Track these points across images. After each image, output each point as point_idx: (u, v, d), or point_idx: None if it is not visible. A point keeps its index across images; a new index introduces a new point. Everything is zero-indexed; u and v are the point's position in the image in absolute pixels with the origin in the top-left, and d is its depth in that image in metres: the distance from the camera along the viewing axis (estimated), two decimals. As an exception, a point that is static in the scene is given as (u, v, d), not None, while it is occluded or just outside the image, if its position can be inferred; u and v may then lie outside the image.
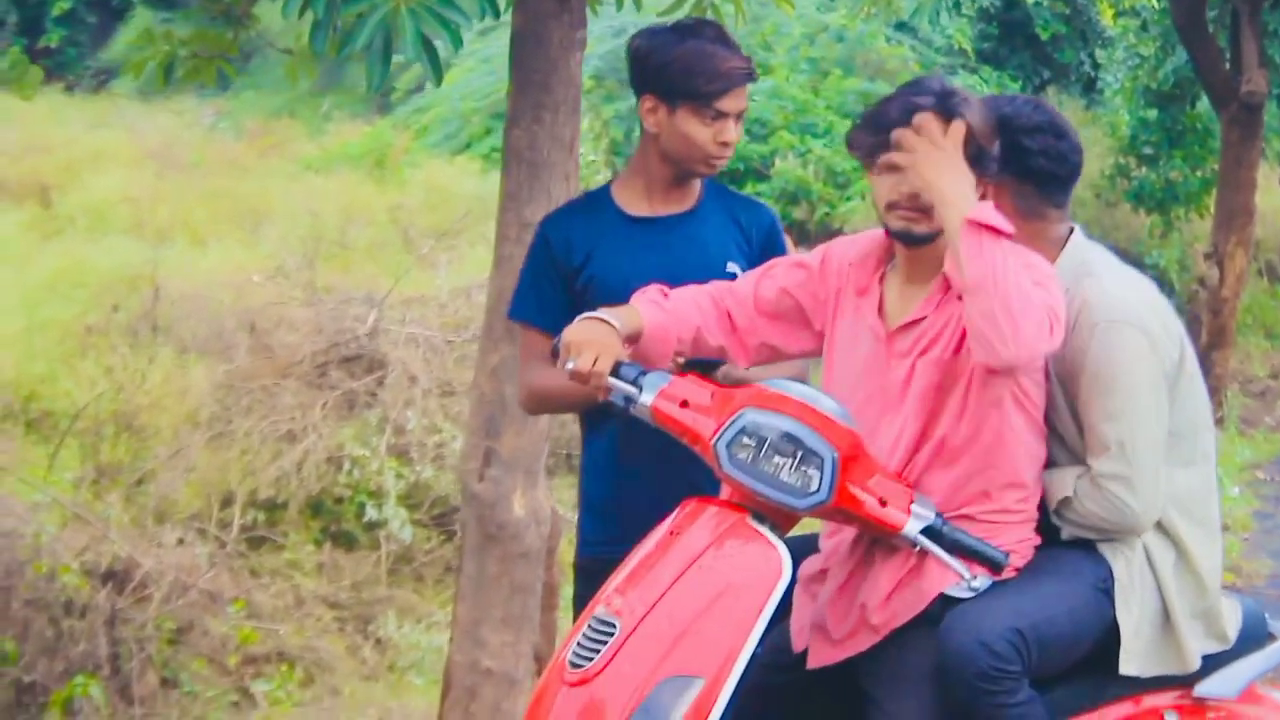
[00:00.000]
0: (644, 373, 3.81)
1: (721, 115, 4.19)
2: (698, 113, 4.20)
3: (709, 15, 5.69)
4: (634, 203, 4.34)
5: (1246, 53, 12.65)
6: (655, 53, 4.25)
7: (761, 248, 4.38)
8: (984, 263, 3.56)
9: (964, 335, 3.68)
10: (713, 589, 3.52)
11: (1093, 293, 3.83)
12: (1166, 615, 3.87)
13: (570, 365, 3.77)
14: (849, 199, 15.97)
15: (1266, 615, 4.08)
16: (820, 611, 3.86)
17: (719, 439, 3.64)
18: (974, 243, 3.57)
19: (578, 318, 3.89)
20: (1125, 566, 3.82)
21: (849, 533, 3.85)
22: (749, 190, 15.77)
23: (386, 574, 7.77)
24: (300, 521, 7.86)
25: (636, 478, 4.28)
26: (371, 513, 7.89)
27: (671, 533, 3.65)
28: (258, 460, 7.85)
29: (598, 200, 4.41)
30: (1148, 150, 16.55)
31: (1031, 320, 3.53)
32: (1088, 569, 3.80)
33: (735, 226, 4.39)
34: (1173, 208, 16.22)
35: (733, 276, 4.26)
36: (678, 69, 4.21)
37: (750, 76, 4.22)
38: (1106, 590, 3.79)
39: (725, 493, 3.71)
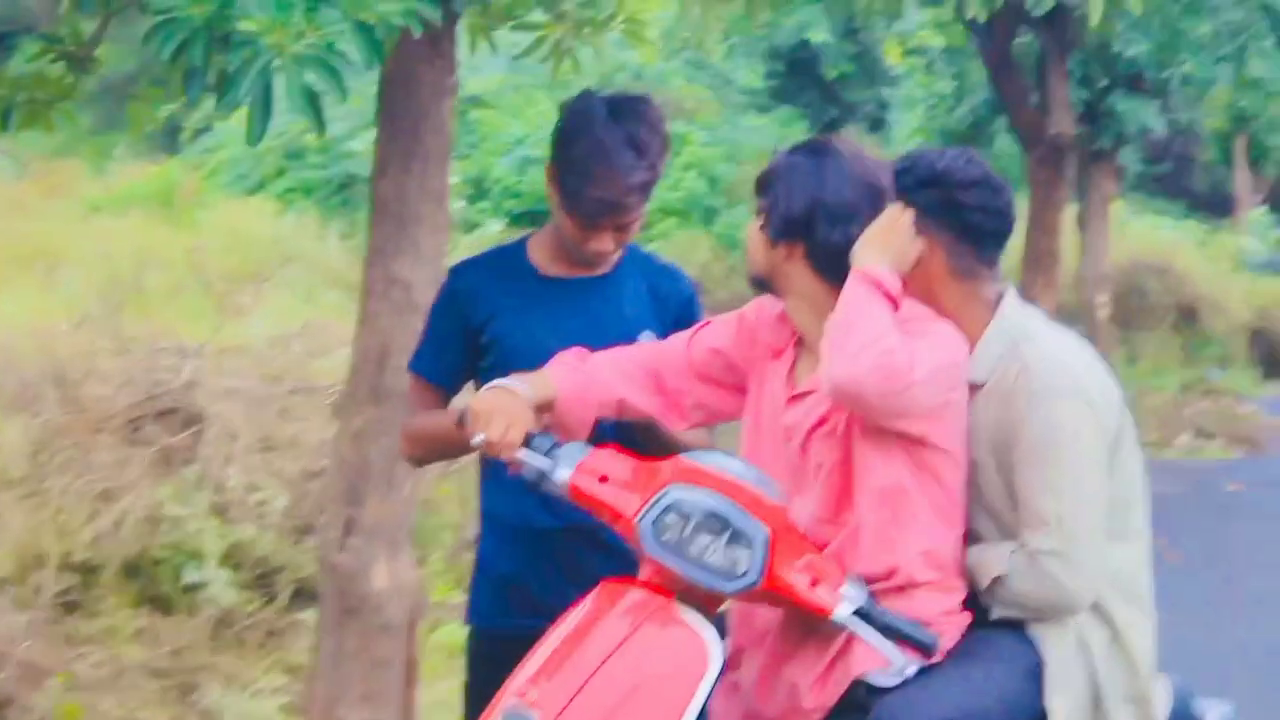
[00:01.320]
0: (558, 444, 3.57)
1: (598, 228, 3.98)
2: (574, 220, 3.99)
3: (566, 60, 5.47)
4: (548, 262, 4.11)
5: (1054, 94, 12.77)
6: (566, 128, 4.01)
7: (677, 319, 4.18)
8: (856, 310, 3.48)
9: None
10: (637, 680, 3.29)
11: (1032, 358, 3.67)
12: (1098, 701, 3.71)
13: (479, 438, 3.53)
14: (651, 240, 15.85)
15: (1193, 697, 3.96)
16: (746, 695, 3.65)
17: (643, 517, 3.41)
18: (857, 290, 3.49)
19: (486, 385, 3.67)
20: (1057, 650, 3.65)
21: (763, 610, 3.65)
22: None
23: (208, 639, 7.41)
24: (117, 585, 7.46)
25: (545, 543, 4.07)
26: (192, 575, 7.51)
27: (590, 617, 3.41)
28: (72, 521, 7.45)
29: (511, 256, 4.18)
30: (945, 191, 16.66)
31: (870, 351, 3.40)
32: (1019, 653, 3.62)
33: (652, 295, 4.17)
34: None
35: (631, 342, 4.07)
36: (566, 168, 3.98)
37: (621, 209, 3.94)
38: (1037, 676, 3.62)
39: (646, 572, 3.48)
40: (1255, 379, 17.90)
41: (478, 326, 4.06)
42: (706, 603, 3.43)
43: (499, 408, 3.54)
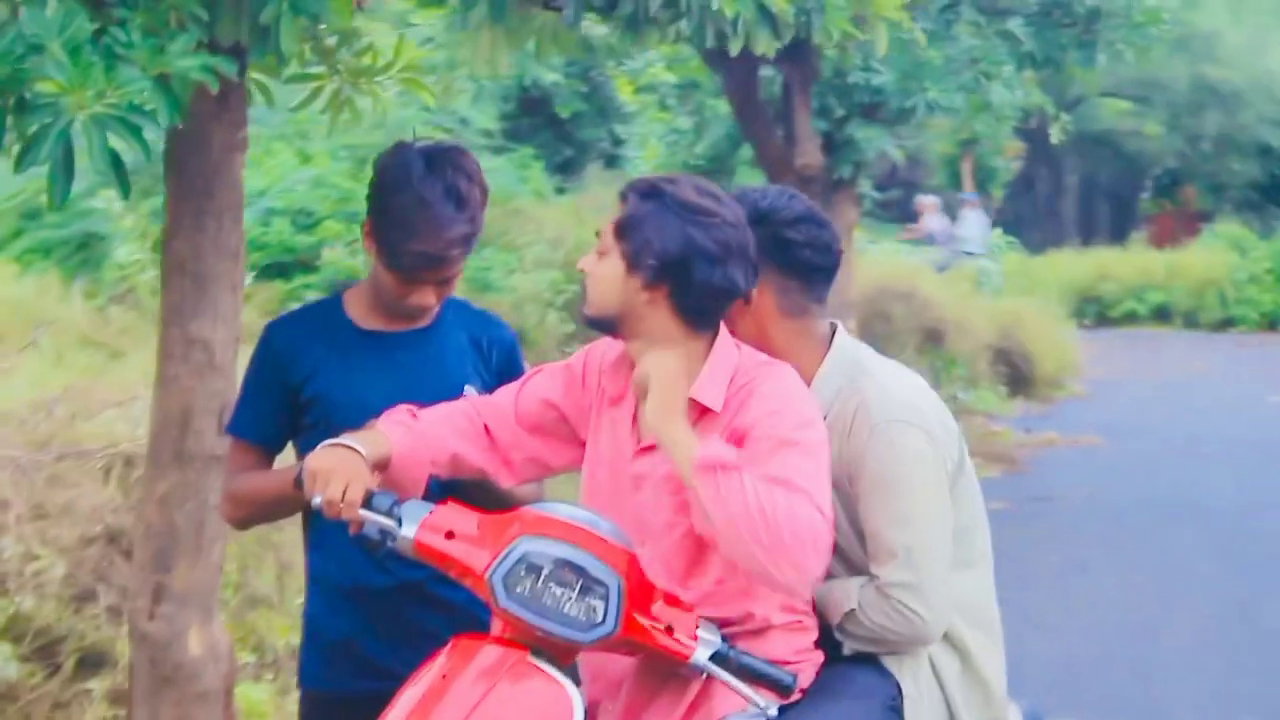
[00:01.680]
0: (399, 502, 3.53)
1: (419, 282, 3.98)
2: (393, 274, 3.99)
3: (345, 111, 5.42)
4: (366, 315, 4.09)
5: (800, 127, 12.95)
6: (383, 182, 4.00)
7: (499, 369, 4.17)
8: (728, 507, 3.35)
9: None
10: None
11: (869, 392, 3.71)
12: None
13: (318, 499, 3.48)
14: (401, 286, 15.74)
15: (1043, 718, 4.04)
16: None
17: (494, 572, 3.39)
18: (711, 487, 3.37)
19: (320, 445, 3.62)
20: (913, 681, 3.70)
21: (616, 659, 3.64)
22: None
23: (-9, 716, 7.18)
24: (-109, 666, 7.19)
25: (377, 603, 4.01)
26: (-30, 650, 7.28)
27: (444, 676, 3.36)
28: None
29: (327, 310, 4.14)
30: (689, 225, 16.80)
31: (800, 544, 3.32)
32: (877, 687, 3.66)
33: (473, 346, 4.17)
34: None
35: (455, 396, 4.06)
36: (385, 222, 3.96)
37: (443, 262, 3.95)
38: (896, 708, 3.66)
39: (497, 627, 3.46)
40: (1002, 396, 18.35)
41: (297, 384, 4.03)
42: (561, 654, 3.41)
43: (337, 467, 3.48)
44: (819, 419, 3.57)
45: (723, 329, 3.65)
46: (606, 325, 3.66)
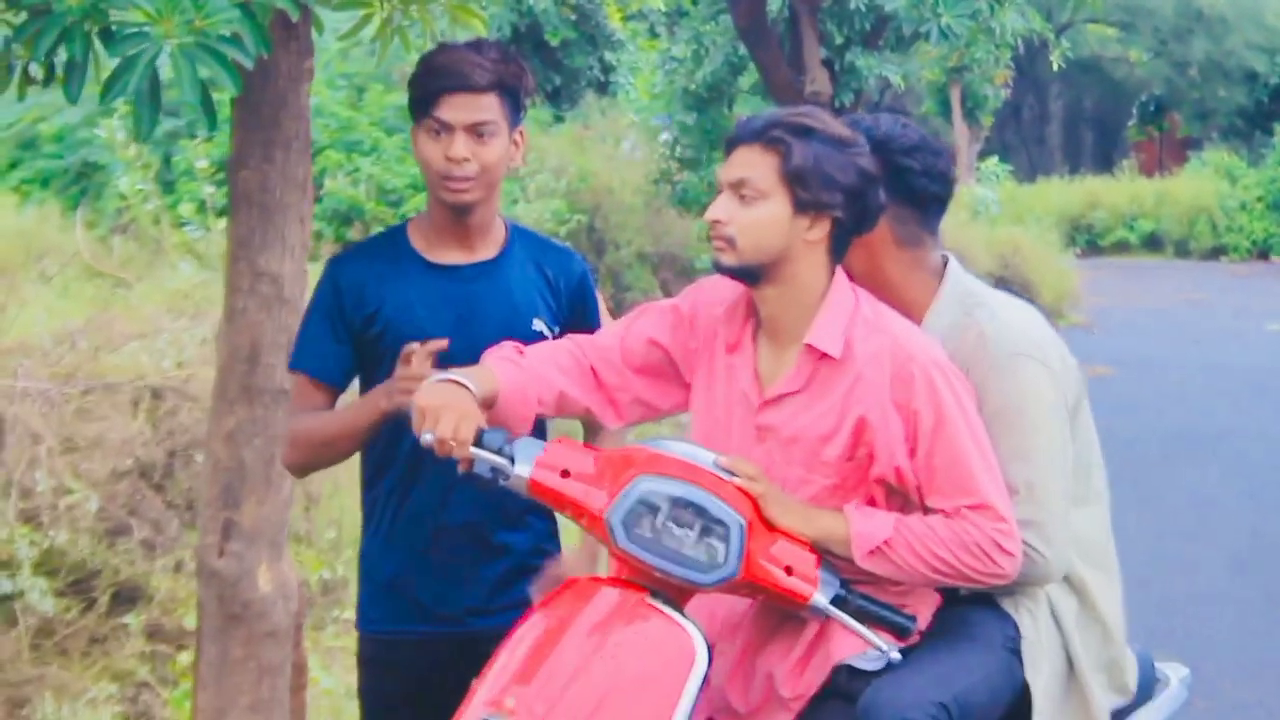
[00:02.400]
0: (510, 440, 3.46)
1: (448, 127, 3.87)
2: (424, 126, 3.92)
3: (395, 40, 5.34)
4: (431, 247, 4.02)
5: (808, 53, 12.88)
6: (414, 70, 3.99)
7: (570, 301, 4.08)
8: (907, 573, 3.47)
9: (857, 433, 3.47)
10: (623, 680, 3.19)
11: (988, 325, 3.64)
12: (1072, 670, 3.68)
13: (428, 436, 3.41)
14: (403, 217, 15.64)
15: (1152, 661, 3.99)
16: (717, 689, 3.56)
17: (612, 512, 3.32)
18: (883, 565, 3.45)
19: (428, 380, 3.54)
20: (1031, 622, 3.62)
21: (726, 599, 3.59)
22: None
23: (29, 650, 7.13)
24: (-73, 600, 7.15)
25: (434, 541, 3.98)
26: (5, 585, 7.22)
27: (561, 619, 3.30)
28: (-128, 537, 7.11)
29: (393, 243, 4.06)
30: (689, 154, 16.73)
31: (986, 563, 3.44)
32: (996, 629, 3.59)
33: (542, 278, 4.07)
34: (717, 210, 16.39)
35: (539, 335, 3.96)
36: (410, 84, 3.97)
37: (463, 80, 3.86)
38: (1015, 650, 3.59)
39: (613, 568, 3.41)
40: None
41: (365, 318, 3.96)
42: (679, 596, 3.35)
43: (448, 403, 3.40)
44: (962, 379, 3.56)
45: (839, 271, 3.60)
46: (751, 273, 3.56)
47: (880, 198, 3.56)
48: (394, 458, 4.01)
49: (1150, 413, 13.91)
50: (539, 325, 4.02)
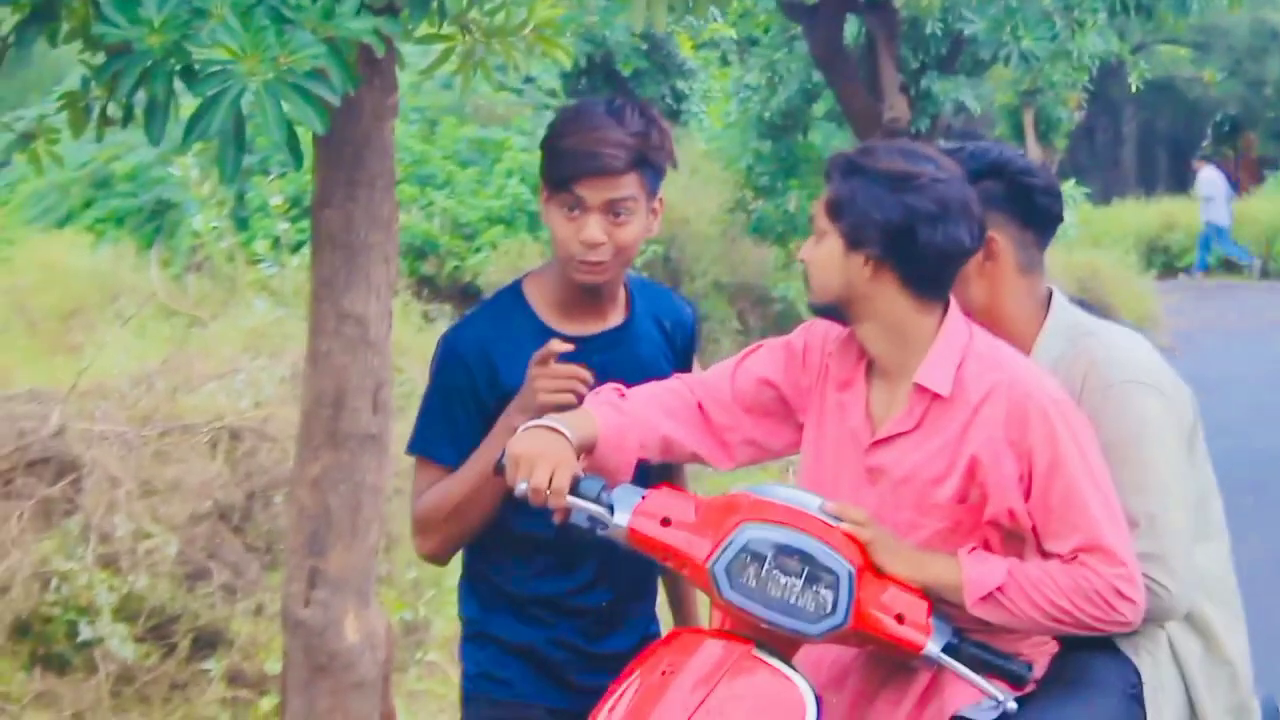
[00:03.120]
0: (607, 488, 3.32)
1: (582, 205, 3.64)
2: (559, 202, 3.68)
3: (477, 71, 5.22)
4: (557, 316, 3.78)
5: (886, 80, 12.75)
6: (547, 130, 3.77)
7: (683, 351, 3.91)
8: (1022, 620, 3.32)
9: (970, 473, 3.32)
10: None
11: (1099, 353, 3.49)
12: (1195, 715, 3.52)
13: (522, 486, 3.27)
14: (478, 250, 15.56)
15: (1276, 701, 3.81)
16: None
17: (716, 561, 3.19)
18: (997, 613, 3.32)
19: (522, 427, 3.40)
20: (1152, 666, 3.46)
21: (833, 648, 3.45)
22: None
23: (109, 697, 7.04)
24: (8, 647, 7.06)
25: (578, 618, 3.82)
26: (85, 631, 7.14)
27: (664, 673, 3.16)
28: (-47, 585, 7.04)
29: (510, 306, 3.81)
30: (764, 182, 16.62)
31: (1105, 610, 3.31)
32: (1115, 674, 3.43)
33: (662, 334, 3.89)
34: (793, 239, 16.29)
35: None
36: (544, 147, 3.73)
37: (601, 162, 3.63)
38: (1136, 696, 3.42)
39: (716, 620, 3.27)
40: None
41: (499, 400, 3.73)
42: (785, 647, 3.22)
43: (542, 451, 3.27)
44: (1081, 417, 3.41)
45: (954, 305, 3.46)
46: (833, 311, 3.49)
47: (948, 235, 3.40)
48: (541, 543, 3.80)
49: (1241, 436, 13.63)
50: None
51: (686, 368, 3.92)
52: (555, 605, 3.82)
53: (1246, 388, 16.07)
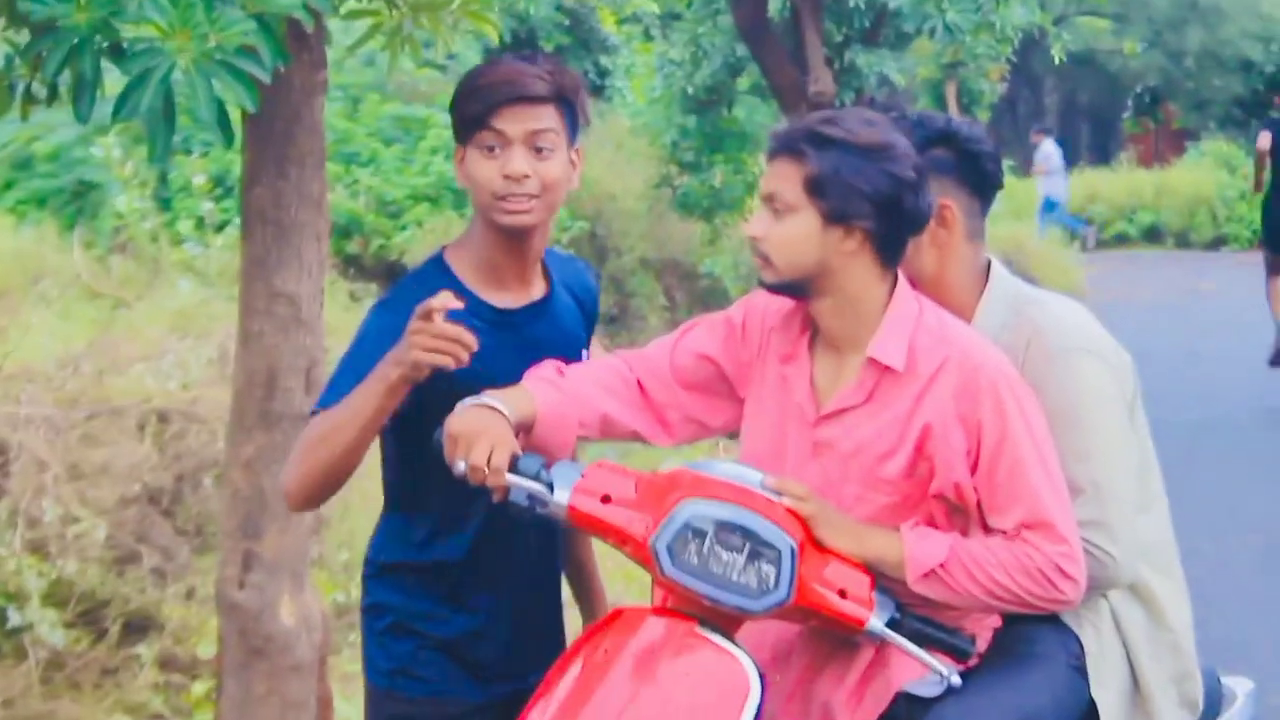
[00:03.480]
0: (546, 466, 3.29)
1: (503, 139, 3.53)
2: (477, 143, 3.56)
3: (404, 47, 5.15)
4: (485, 285, 3.65)
5: (811, 53, 12.69)
6: (455, 89, 3.66)
7: (592, 318, 3.86)
8: (963, 597, 3.31)
9: (919, 447, 3.31)
10: (674, 713, 3.04)
11: (1043, 320, 3.50)
12: (1138, 685, 3.53)
13: (461, 465, 3.24)
14: (404, 228, 15.47)
15: (1216, 674, 3.83)
16: (772, 718, 3.41)
17: (657, 538, 3.16)
18: (938, 589, 3.30)
19: (460, 404, 3.36)
20: (1095, 636, 3.47)
21: (775, 625, 3.43)
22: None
23: (40, 684, 6.96)
24: (-67, 635, 6.98)
25: (516, 600, 3.72)
26: (14, 617, 7.05)
27: (606, 651, 3.14)
28: (-125, 571, 6.94)
29: (440, 283, 3.58)
30: (689, 157, 16.58)
31: (1047, 588, 3.30)
32: (1058, 646, 3.43)
33: (576, 302, 3.81)
34: (719, 214, 16.28)
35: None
36: (455, 103, 3.62)
37: (520, 90, 3.52)
38: (1079, 667, 3.43)
39: (658, 597, 3.25)
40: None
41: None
42: (728, 624, 3.20)
43: (481, 430, 3.22)
44: (1029, 392, 3.41)
45: (901, 279, 3.45)
46: (796, 288, 3.44)
47: (923, 202, 3.41)
48: (468, 514, 3.66)
49: (1168, 406, 13.66)
50: (586, 355, 3.83)
51: (592, 333, 3.88)
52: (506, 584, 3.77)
53: (1168, 359, 16.18)
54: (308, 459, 3.51)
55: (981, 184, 3.64)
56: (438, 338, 3.27)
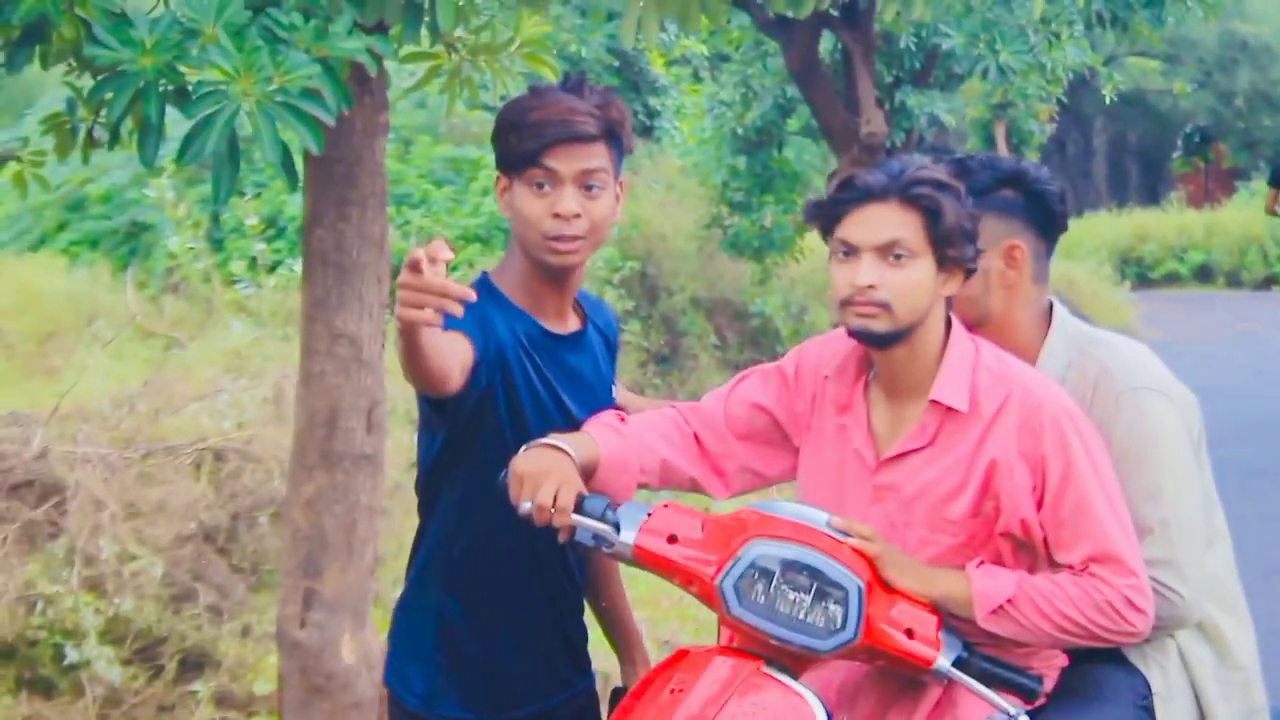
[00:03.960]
0: (612, 506, 3.32)
1: (554, 178, 3.56)
2: (527, 180, 3.58)
3: (462, 89, 5.19)
4: (532, 312, 3.69)
5: (863, 94, 12.71)
6: (497, 120, 3.69)
7: (614, 350, 3.89)
8: (1033, 633, 3.32)
9: (985, 487, 3.32)
10: None
11: (1110, 360, 3.51)
12: None
13: (526, 505, 3.26)
14: (455, 268, 15.48)
15: None
16: None
17: (724, 578, 3.17)
18: (1008, 625, 3.31)
19: (525, 446, 3.38)
20: (1162, 676, 3.46)
21: (841, 665, 3.44)
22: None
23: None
24: (-10, 673, 7.03)
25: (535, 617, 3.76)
26: (72, 654, 7.09)
27: (674, 691, 3.15)
28: (-61, 610, 6.99)
29: (492, 301, 3.67)
30: (739, 197, 16.60)
31: (1116, 621, 3.30)
32: (1125, 686, 3.43)
33: (602, 339, 3.85)
34: (769, 254, 16.28)
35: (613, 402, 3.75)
36: (500, 133, 3.66)
37: (572, 129, 3.56)
38: (1146, 707, 3.43)
39: (724, 637, 3.26)
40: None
41: (491, 363, 3.59)
42: (794, 664, 3.21)
43: (547, 470, 3.25)
44: (1091, 428, 3.41)
45: (955, 321, 3.47)
46: (902, 336, 3.43)
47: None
48: (504, 530, 3.66)
49: (1224, 446, 13.63)
50: (616, 393, 3.85)
51: (615, 369, 3.91)
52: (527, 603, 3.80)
53: (1224, 398, 16.10)
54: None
55: (1048, 225, 3.65)
56: (423, 291, 3.17)
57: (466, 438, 3.64)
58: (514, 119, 3.67)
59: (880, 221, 3.38)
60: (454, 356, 3.43)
